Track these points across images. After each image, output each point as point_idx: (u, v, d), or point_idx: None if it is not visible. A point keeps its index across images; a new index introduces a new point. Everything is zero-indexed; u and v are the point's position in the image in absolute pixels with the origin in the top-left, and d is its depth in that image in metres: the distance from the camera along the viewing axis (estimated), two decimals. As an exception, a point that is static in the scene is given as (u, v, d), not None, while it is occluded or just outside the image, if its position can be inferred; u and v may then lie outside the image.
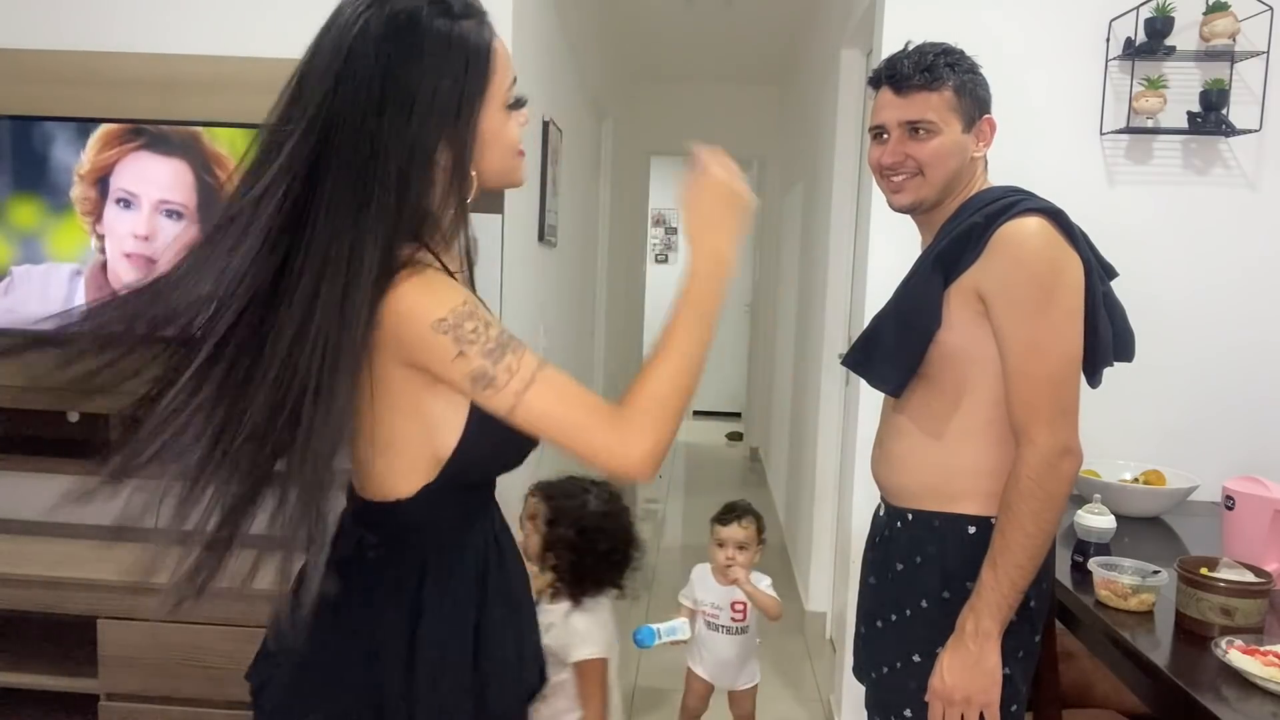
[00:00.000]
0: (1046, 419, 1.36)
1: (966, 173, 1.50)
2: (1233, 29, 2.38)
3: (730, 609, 2.47)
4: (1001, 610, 1.37)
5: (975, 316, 1.41)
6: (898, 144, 1.48)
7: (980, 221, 1.41)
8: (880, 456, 1.60)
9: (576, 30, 3.93)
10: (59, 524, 2.77)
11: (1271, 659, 1.34)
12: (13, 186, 2.51)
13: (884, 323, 1.54)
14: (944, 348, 1.44)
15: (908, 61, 1.47)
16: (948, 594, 1.44)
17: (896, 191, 1.51)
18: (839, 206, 3.48)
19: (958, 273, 1.42)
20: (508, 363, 1.00)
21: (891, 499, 1.57)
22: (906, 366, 1.47)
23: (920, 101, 1.46)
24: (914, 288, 1.49)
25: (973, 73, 1.49)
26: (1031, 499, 1.35)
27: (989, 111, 1.51)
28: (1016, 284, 1.37)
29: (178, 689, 2.33)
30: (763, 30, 5.00)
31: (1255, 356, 2.52)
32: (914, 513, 1.51)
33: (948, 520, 1.46)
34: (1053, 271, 1.37)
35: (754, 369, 7.12)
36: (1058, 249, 1.38)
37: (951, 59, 1.47)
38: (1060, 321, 1.37)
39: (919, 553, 1.49)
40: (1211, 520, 2.13)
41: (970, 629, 1.37)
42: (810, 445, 3.89)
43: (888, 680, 1.52)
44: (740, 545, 2.43)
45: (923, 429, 1.49)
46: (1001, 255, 1.38)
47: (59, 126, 2.54)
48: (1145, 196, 2.52)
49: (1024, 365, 1.37)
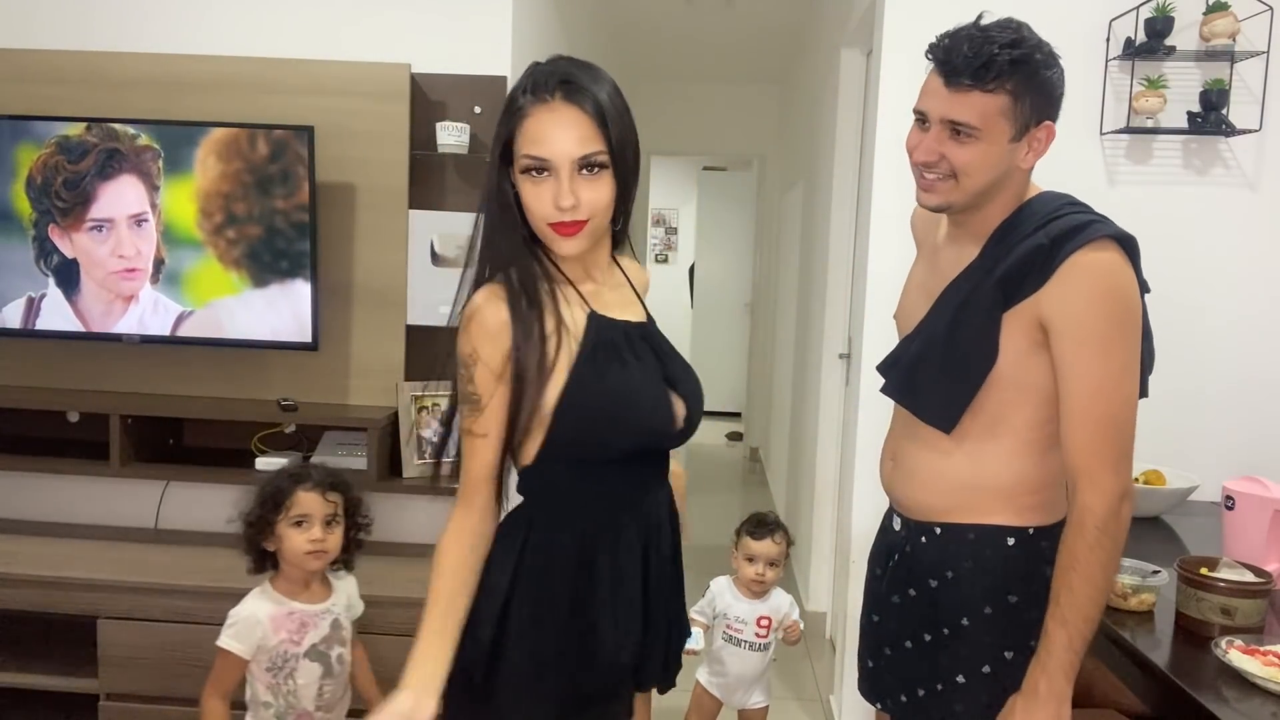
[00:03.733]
0: (1111, 463, 1.29)
1: (1010, 181, 1.38)
2: (1233, 29, 2.38)
3: (755, 624, 2.37)
4: (1074, 669, 1.30)
5: (1033, 346, 1.34)
6: (935, 140, 1.34)
7: (1045, 244, 1.31)
8: (898, 471, 1.52)
9: (576, 30, 3.93)
10: (59, 524, 2.77)
11: (1271, 659, 1.34)
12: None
13: (932, 350, 1.42)
14: (997, 377, 1.37)
15: (967, 48, 1.28)
16: (989, 609, 1.40)
17: (927, 190, 1.38)
18: (839, 206, 3.47)
19: (1020, 298, 1.33)
20: (463, 410, 1.29)
21: (913, 514, 1.49)
22: (961, 403, 1.39)
23: (969, 102, 1.29)
24: (972, 317, 1.37)
25: (1044, 69, 1.32)
26: (1099, 549, 1.28)
27: (1052, 117, 1.35)
28: (1090, 322, 1.29)
29: (178, 689, 2.33)
30: (763, 30, 5.00)
31: (1255, 356, 2.52)
32: (943, 526, 1.44)
33: (984, 533, 1.40)
34: (1128, 311, 1.30)
35: (754, 369, 7.12)
36: (1131, 286, 1.30)
37: (1019, 53, 1.29)
38: (1129, 362, 1.30)
39: (952, 567, 1.42)
40: (1211, 520, 2.13)
41: (1044, 691, 1.29)
42: (810, 445, 3.89)
43: (926, 702, 1.45)
44: (771, 562, 2.34)
45: (954, 446, 1.42)
46: (1076, 288, 1.29)
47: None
48: (1145, 196, 2.51)
49: (1090, 406, 1.29)
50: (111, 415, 2.55)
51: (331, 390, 2.71)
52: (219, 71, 2.64)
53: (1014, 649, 1.40)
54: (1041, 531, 1.41)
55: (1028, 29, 1.34)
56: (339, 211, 2.65)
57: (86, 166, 2.51)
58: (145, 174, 2.52)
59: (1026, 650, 1.37)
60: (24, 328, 2.60)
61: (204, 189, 2.52)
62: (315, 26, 2.68)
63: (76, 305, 2.58)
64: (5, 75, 2.66)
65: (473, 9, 2.68)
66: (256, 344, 2.60)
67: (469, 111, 2.68)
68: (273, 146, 2.50)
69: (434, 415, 2.65)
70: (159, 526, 2.77)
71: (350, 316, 2.69)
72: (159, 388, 2.74)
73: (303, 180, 2.51)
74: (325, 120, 2.60)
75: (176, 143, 2.51)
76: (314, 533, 1.88)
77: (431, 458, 2.58)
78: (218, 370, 2.72)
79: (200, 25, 2.71)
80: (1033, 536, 1.41)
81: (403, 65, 2.62)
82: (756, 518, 2.42)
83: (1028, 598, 1.39)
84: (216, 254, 2.55)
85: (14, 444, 2.69)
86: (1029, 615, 1.37)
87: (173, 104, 2.64)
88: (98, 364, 2.74)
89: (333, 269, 2.65)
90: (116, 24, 2.72)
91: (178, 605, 2.33)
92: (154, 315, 2.58)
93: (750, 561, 2.35)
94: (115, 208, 2.53)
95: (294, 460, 2.48)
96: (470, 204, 2.71)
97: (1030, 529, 1.40)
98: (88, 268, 2.55)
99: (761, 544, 2.34)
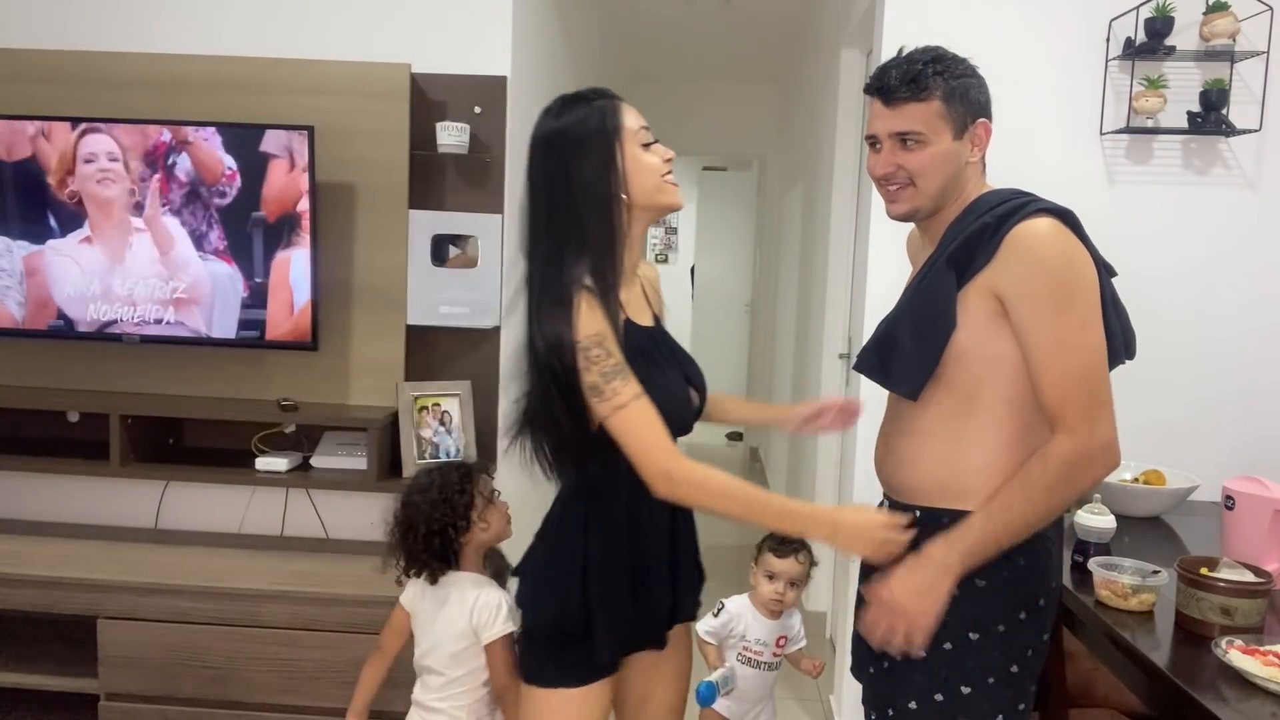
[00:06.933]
0: (1084, 410, 1.36)
1: (963, 178, 1.50)
2: (1233, 29, 2.38)
3: (774, 644, 2.27)
4: (974, 557, 1.39)
5: (991, 316, 1.42)
6: (889, 154, 1.49)
7: (990, 222, 1.41)
8: (886, 454, 1.59)
9: (576, 30, 3.93)
10: (59, 524, 2.77)
11: (1271, 659, 1.34)
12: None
13: (898, 325, 1.53)
14: (957, 347, 1.44)
15: (895, 72, 1.47)
16: (957, 591, 1.43)
17: (892, 201, 1.52)
18: (839, 206, 3.47)
19: (972, 273, 1.42)
20: (614, 386, 1.38)
21: (897, 496, 1.57)
22: (926, 369, 1.47)
23: (908, 113, 1.45)
24: (928, 289, 1.48)
25: (966, 77, 1.47)
26: (1054, 478, 1.36)
27: (985, 115, 1.49)
28: (1037, 284, 1.37)
29: (178, 689, 2.33)
30: (763, 30, 5.00)
31: (1255, 356, 2.52)
32: (922, 509, 1.50)
33: (956, 517, 1.45)
34: (1071, 269, 1.38)
35: (754, 369, 7.12)
36: (1073, 247, 1.39)
37: (940, 66, 1.45)
38: (1086, 316, 1.37)
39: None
40: (1211, 520, 2.13)
41: (937, 557, 1.39)
42: (810, 445, 3.89)
43: (888, 672, 1.51)
44: (792, 581, 2.22)
45: (933, 427, 1.49)
46: (1018, 256, 1.38)
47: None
48: (1145, 196, 2.51)
49: (1053, 362, 1.37)
50: (111, 415, 2.55)
51: (331, 390, 2.71)
52: (219, 71, 2.64)
53: (979, 631, 1.44)
54: None
55: (944, 49, 1.49)
56: (339, 211, 2.65)
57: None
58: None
59: (991, 632, 1.43)
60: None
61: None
62: (315, 26, 2.68)
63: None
64: (5, 75, 2.67)
65: (473, 9, 2.68)
66: (257, 344, 2.60)
67: (469, 111, 2.68)
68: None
69: (433, 415, 2.65)
70: (159, 526, 2.77)
71: (350, 316, 2.69)
72: (159, 388, 2.74)
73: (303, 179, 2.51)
74: (325, 120, 2.60)
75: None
76: (503, 509, 1.99)
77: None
78: (218, 370, 2.72)
79: (200, 25, 2.71)
80: None
81: (403, 65, 2.62)
82: (781, 534, 2.22)
83: (996, 584, 1.43)
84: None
85: (14, 444, 2.70)
86: (995, 600, 1.43)
87: (173, 104, 2.64)
88: (98, 364, 2.74)
89: (333, 269, 2.66)
90: (116, 24, 2.72)
91: (178, 605, 2.34)
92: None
93: (770, 580, 2.22)
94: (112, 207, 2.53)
95: (437, 465, 2.12)
96: (470, 204, 2.71)
97: None
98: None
99: (785, 561, 2.21)
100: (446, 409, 2.66)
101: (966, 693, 1.44)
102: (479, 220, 2.68)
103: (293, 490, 2.74)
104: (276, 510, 2.76)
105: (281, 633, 2.33)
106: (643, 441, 1.40)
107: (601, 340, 1.39)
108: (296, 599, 2.33)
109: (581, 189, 1.45)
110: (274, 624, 2.33)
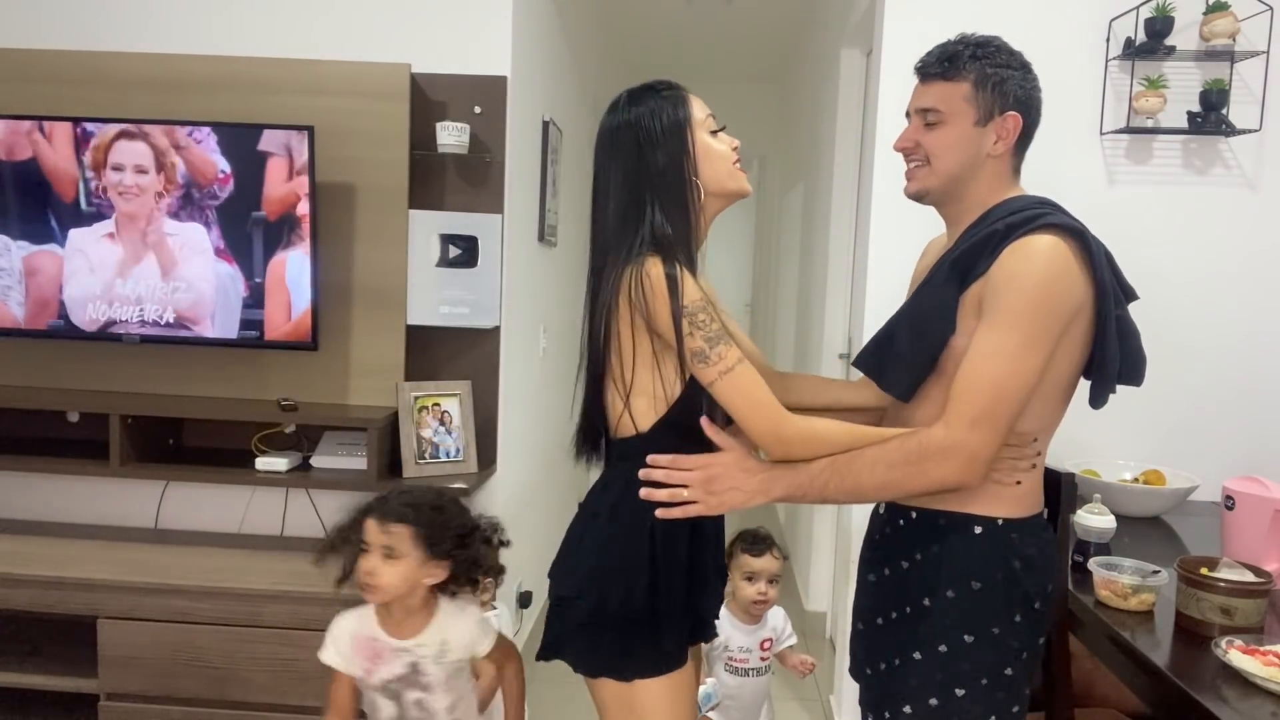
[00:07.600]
0: (971, 415, 1.34)
1: (985, 171, 1.48)
2: (1233, 29, 2.38)
3: (759, 649, 2.25)
4: (796, 494, 1.41)
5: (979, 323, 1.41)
6: (913, 131, 1.50)
7: (1000, 230, 1.39)
8: None
9: (576, 30, 3.93)
10: (59, 524, 2.78)
11: (1271, 659, 1.34)
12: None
13: (898, 326, 1.53)
14: (955, 352, 1.42)
15: (938, 50, 1.49)
16: (951, 593, 1.44)
17: (909, 179, 1.53)
18: (839, 206, 3.48)
19: (971, 279, 1.41)
20: (719, 350, 1.37)
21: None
22: (916, 373, 1.47)
23: (935, 91, 1.47)
24: (929, 293, 1.48)
25: (1008, 68, 1.46)
26: (905, 457, 1.36)
27: (1022, 111, 1.46)
28: (1004, 298, 1.35)
29: (178, 689, 2.33)
30: (763, 30, 5.00)
31: (1255, 356, 2.52)
32: (918, 511, 1.50)
33: (954, 519, 1.45)
34: (1042, 291, 1.34)
35: (754, 369, 7.11)
36: (1060, 273, 1.35)
37: (982, 52, 1.46)
38: (1034, 340, 1.34)
39: (921, 550, 1.48)
40: (1211, 520, 2.13)
41: (763, 476, 1.41)
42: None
43: (885, 676, 1.52)
44: (772, 578, 2.20)
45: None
46: (1004, 269, 1.36)
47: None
48: (1145, 196, 2.52)
49: (975, 363, 1.35)
50: (111, 415, 2.55)
51: (331, 390, 2.71)
52: (219, 71, 2.64)
53: (973, 633, 1.43)
54: (1011, 523, 1.45)
55: (999, 40, 1.49)
56: (339, 211, 2.65)
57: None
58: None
59: (986, 635, 1.42)
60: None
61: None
62: (315, 26, 2.68)
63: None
64: (6, 75, 2.67)
65: (473, 9, 2.68)
66: (257, 344, 2.60)
67: (469, 111, 2.68)
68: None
69: (433, 415, 2.65)
70: (159, 526, 2.77)
71: (350, 316, 2.69)
72: (159, 388, 2.74)
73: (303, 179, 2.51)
74: (325, 120, 2.60)
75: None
76: (367, 563, 1.73)
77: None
78: (218, 370, 2.72)
79: (200, 25, 2.71)
80: (1002, 527, 1.44)
81: (403, 65, 2.62)
82: (749, 534, 2.24)
83: (991, 585, 1.43)
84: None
85: (14, 444, 2.70)
86: (991, 602, 1.43)
87: (173, 104, 2.64)
88: (98, 364, 2.74)
89: (333, 269, 2.66)
90: (117, 24, 2.72)
91: (178, 605, 2.34)
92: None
93: (750, 580, 2.20)
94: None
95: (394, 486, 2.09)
96: (470, 204, 2.71)
97: (1000, 520, 1.44)
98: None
99: (761, 560, 2.19)
100: (446, 409, 2.66)
101: (960, 695, 1.44)
102: (479, 220, 2.68)
103: (293, 490, 2.74)
104: (276, 510, 2.76)
105: (281, 633, 2.33)
106: (752, 402, 1.38)
107: (705, 305, 1.39)
108: (296, 599, 2.33)
109: (659, 178, 1.46)
110: (274, 624, 2.33)
